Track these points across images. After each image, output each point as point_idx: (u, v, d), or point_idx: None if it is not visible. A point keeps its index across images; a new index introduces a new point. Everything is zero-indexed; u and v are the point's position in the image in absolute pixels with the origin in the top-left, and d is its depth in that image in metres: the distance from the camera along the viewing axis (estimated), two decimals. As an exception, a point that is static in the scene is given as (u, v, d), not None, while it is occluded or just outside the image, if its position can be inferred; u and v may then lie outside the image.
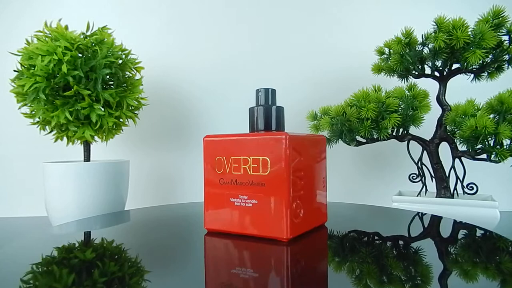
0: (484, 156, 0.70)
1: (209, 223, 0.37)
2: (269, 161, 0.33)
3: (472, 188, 0.75)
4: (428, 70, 0.79)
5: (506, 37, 0.70)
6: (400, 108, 0.77)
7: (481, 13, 0.71)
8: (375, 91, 0.81)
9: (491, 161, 0.69)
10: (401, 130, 0.80)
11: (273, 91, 0.39)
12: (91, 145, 0.90)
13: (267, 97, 0.39)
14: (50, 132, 0.84)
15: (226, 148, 0.36)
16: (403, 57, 0.77)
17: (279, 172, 0.33)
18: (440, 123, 0.78)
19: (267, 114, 0.38)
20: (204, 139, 0.38)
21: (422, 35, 0.75)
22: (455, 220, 0.45)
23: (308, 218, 0.36)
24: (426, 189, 0.81)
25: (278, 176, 0.33)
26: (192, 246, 0.35)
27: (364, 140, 0.81)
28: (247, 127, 0.40)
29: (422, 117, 0.77)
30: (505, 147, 0.66)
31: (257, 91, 0.39)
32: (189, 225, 0.45)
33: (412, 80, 0.83)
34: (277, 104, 0.39)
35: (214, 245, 0.35)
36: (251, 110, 0.39)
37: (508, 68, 0.75)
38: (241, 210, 0.35)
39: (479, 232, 0.39)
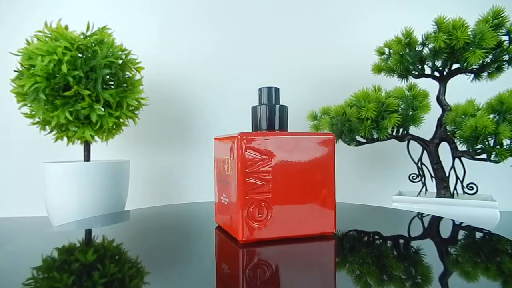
0: (484, 156, 0.70)
1: (216, 218, 0.41)
2: (231, 162, 0.34)
3: (472, 188, 0.75)
4: (428, 70, 0.79)
5: (506, 37, 0.70)
6: (400, 108, 0.77)
7: (481, 13, 0.71)
8: (375, 91, 0.81)
9: (491, 161, 0.69)
10: (401, 130, 0.80)
11: (277, 89, 0.38)
12: (91, 145, 0.90)
13: (270, 95, 0.37)
14: (50, 132, 0.84)
15: (218, 148, 0.38)
16: (403, 57, 0.77)
17: (235, 172, 0.33)
18: (440, 123, 0.78)
19: (270, 113, 0.36)
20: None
21: (422, 35, 0.75)
22: (454, 221, 0.45)
23: (290, 224, 0.33)
24: (426, 189, 0.81)
25: (235, 177, 0.33)
26: (191, 245, 0.35)
27: (364, 140, 0.81)
28: (249, 127, 0.40)
29: (422, 117, 0.77)
30: (505, 147, 0.66)
31: (260, 89, 0.38)
32: (189, 224, 0.45)
33: (412, 80, 0.83)
34: (283, 104, 0.38)
35: (208, 244, 0.35)
36: (254, 109, 0.37)
37: (508, 68, 0.75)
38: (223, 207, 0.37)
39: (479, 233, 0.39)
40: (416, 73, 0.80)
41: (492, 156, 0.68)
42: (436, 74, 0.79)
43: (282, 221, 0.33)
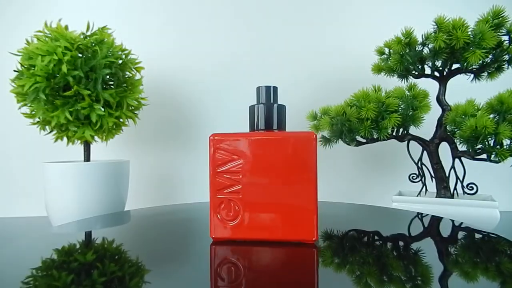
0: (484, 156, 0.70)
1: None
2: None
3: (472, 188, 0.75)
4: (428, 70, 0.79)
5: (506, 37, 0.70)
6: (400, 108, 0.77)
7: (481, 13, 0.71)
8: (375, 91, 0.81)
9: (491, 161, 0.69)
10: (401, 130, 0.80)
11: (275, 88, 0.37)
12: (91, 145, 0.90)
13: (269, 94, 0.36)
14: (50, 132, 0.84)
15: None
16: (403, 57, 0.77)
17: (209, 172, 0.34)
18: (440, 123, 0.78)
19: (268, 112, 0.36)
20: None
21: (422, 35, 0.75)
22: (454, 221, 0.45)
23: (263, 227, 0.32)
24: (426, 189, 0.81)
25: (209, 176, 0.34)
26: (192, 246, 0.35)
27: (364, 140, 0.81)
28: (248, 127, 0.39)
29: (422, 117, 0.77)
30: (505, 147, 0.66)
31: (258, 88, 0.37)
32: (190, 224, 0.45)
33: (412, 80, 0.82)
34: (281, 103, 0.37)
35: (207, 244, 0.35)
36: (252, 109, 0.37)
37: (508, 68, 0.75)
38: None
39: (478, 233, 0.39)
40: (416, 73, 0.80)
41: (492, 156, 0.68)
42: (436, 74, 0.79)
43: (253, 223, 0.33)
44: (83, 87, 0.77)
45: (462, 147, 0.73)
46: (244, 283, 0.25)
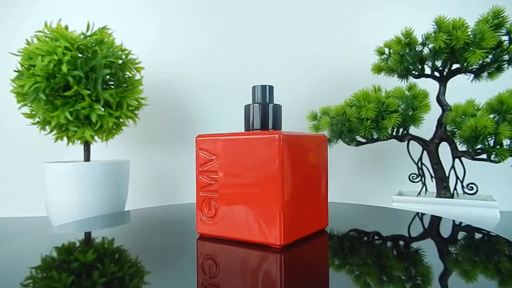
0: (484, 156, 0.70)
1: None
2: None
3: (472, 188, 0.75)
4: (428, 70, 0.79)
5: (506, 37, 0.70)
6: (400, 108, 0.77)
7: (481, 13, 0.71)
8: (375, 91, 0.81)
9: (491, 161, 0.69)
10: (401, 130, 0.80)
11: (271, 87, 0.37)
12: (91, 145, 0.90)
13: (264, 94, 0.36)
14: (50, 132, 0.84)
15: None
16: (403, 57, 0.77)
17: None
18: (440, 123, 0.78)
19: (264, 112, 0.35)
20: None
21: (422, 35, 0.75)
22: (454, 221, 0.45)
23: (236, 227, 0.32)
24: (426, 189, 0.81)
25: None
26: (191, 247, 0.35)
27: (364, 140, 0.81)
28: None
29: (422, 117, 0.77)
30: (505, 147, 0.66)
31: (254, 87, 0.37)
32: (190, 224, 0.45)
33: (412, 80, 0.82)
34: (277, 103, 0.37)
35: (208, 243, 0.35)
36: (247, 108, 0.36)
37: (508, 68, 0.75)
38: None
39: (478, 233, 0.39)
40: (416, 73, 0.80)
41: (492, 156, 0.68)
42: (436, 74, 0.79)
43: (228, 222, 0.33)
44: (83, 87, 0.77)
45: (462, 147, 0.73)
46: (220, 279, 0.26)
